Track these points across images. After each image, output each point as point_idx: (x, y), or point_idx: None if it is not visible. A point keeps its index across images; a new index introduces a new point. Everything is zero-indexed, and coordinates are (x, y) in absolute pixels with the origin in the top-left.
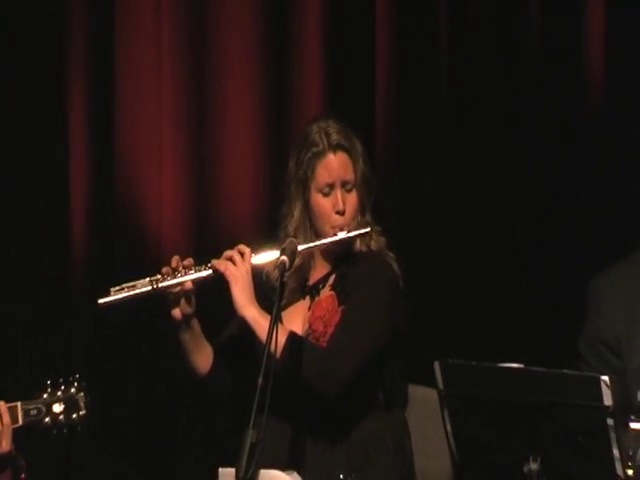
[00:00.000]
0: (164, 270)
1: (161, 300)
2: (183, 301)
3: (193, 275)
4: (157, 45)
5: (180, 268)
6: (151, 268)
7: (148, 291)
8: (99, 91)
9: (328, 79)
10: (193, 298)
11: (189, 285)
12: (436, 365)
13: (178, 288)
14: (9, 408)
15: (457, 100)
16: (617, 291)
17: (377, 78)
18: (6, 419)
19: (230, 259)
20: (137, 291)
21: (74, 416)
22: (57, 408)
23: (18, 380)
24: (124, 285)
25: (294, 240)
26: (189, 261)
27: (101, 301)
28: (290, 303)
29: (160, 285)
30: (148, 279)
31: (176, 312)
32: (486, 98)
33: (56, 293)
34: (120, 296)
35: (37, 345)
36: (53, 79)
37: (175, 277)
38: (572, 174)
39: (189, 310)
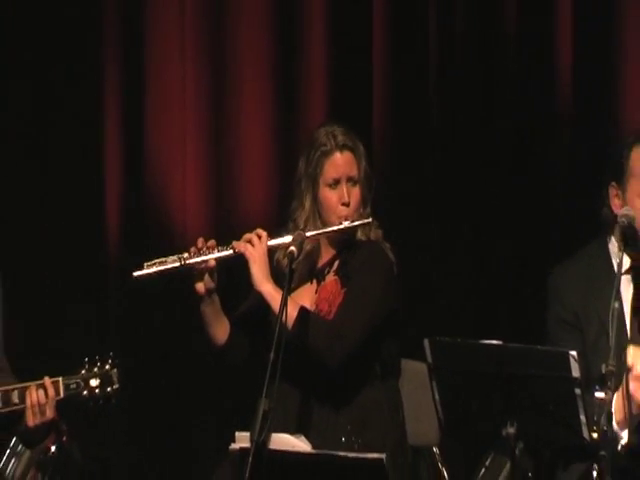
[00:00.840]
0: (191, 249)
1: (187, 275)
2: (206, 277)
3: (216, 254)
4: (182, 69)
5: (204, 248)
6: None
7: (176, 267)
8: (131, 105)
9: (331, 97)
10: (215, 275)
11: (212, 263)
12: (426, 342)
13: (202, 265)
14: (52, 382)
15: (444, 110)
16: (573, 278)
17: (374, 94)
18: (51, 392)
19: (249, 241)
20: (167, 266)
21: (108, 390)
22: (94, 383)
23: (62, 357)
24: (155, 260)
25: (302, 232)
26: (212, 242)
27: (136, 274)
28: (299, 285)
29: (187, 262)
30: (176, 256)
31: (200, 286)
32: (469, 108)
33: (94, 282)
34: (152, 270)
35: (77, 320)
36: (92, 95)
37: (200, 255)
38: (541, 172)
39: (211, 285)
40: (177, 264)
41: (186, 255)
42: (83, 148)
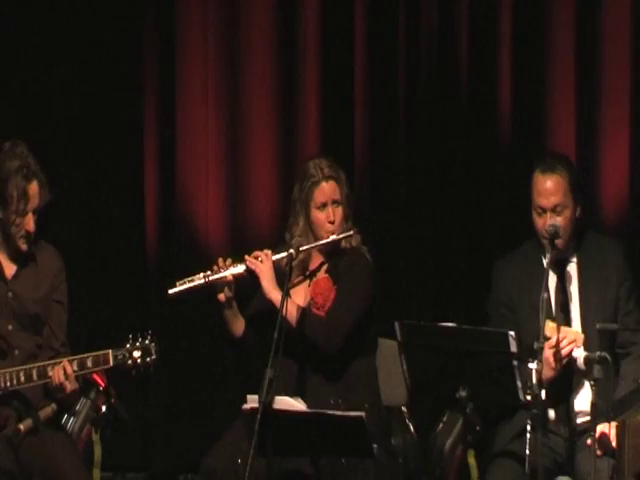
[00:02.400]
0: (213, 267)
1: (211, 288)
2: (226, 288)
3: (232, 270)
4: (205, 112)
5: (223, 266)
6: (200, 260)
7: (201, 283)
8: (165, 142)
9: (321, 131)
10: (232, 286)
11: (230, 278)
12: (396, 324)
13: (222, 280)
14: (103, 354)
15: (411, 142)
16: (511, 268)
17: (356, 126)
18: (69, 369)
19: (257, 258)
20: (195, 283)
21: (148, 360)
22: (136, 354)
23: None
24: (185, 279)
25: (299, 239)
26: (229, 261)
27: (170, 291)
28: (296, 285)
29: (210, 279)
30: (202, 274)
31: (221, 296)
32: (432, 138)
33: (136, 280)
34: (183, 287)
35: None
36: (135, 134)
37: (220, 272)
38: (489, 187)
39: (230, 294)
40: (202, 281)
41: (209, 272)
42: (128, 177)
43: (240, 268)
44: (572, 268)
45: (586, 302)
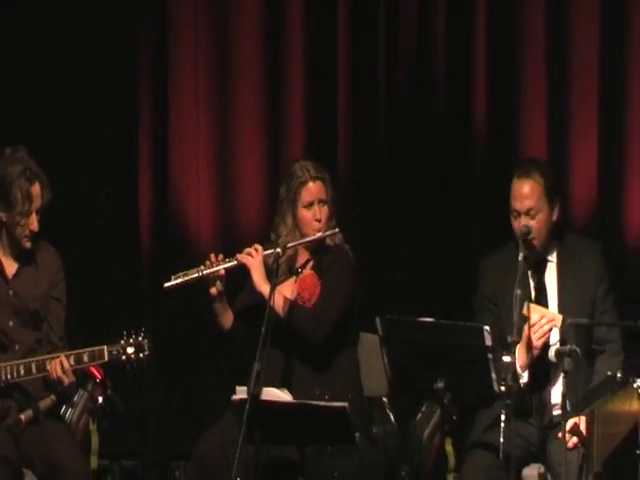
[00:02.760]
0: (206, 262)
1: (203, 282)
2: (217, 282)
3: (224, 265)
4: (196, 118)
5: (215, 261)
6: (192, 257)
7: (195, 277)
8: (159, 146)
9: (306, 137)
10: (224, 280)
11: (222, 272)
12: (377, 319)
13: (215, 274)
14: (99, 350)
15: (392, 149)
16: (495, 266)
17: (339, 129)
18: (66, 364)
19: (249, 253)
20: (189, 277)
21: (141, 355)
22: (130, 350)
23: (107, 337)
24: (180, 273)
25: (286, 239)
26: (221, 256)
27: (166, 285)
28: (284, 280)
29: (203, 273)
30: (195, 269)
31: (212, 290)
32: (411, 144)
33: (130, 277)
34: (178, 281)
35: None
36: (130, 140)
37: (212, 267)
38: (466, 186)
39: (221, 288)
40: (196, 275)
41: (202, 267)
42: (122, 177)
43: (232, 263)
44: (552, 268)
45: (564, 300)
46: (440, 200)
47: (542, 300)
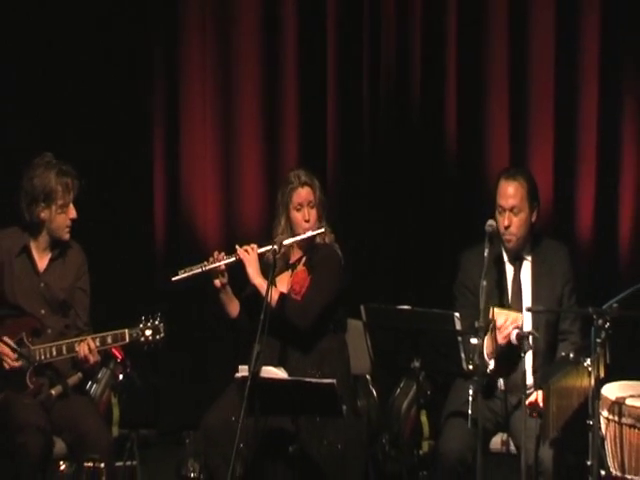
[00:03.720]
0: (210, 258)
1: (208, 276)
2: (220, 276)
3: (225, 261)
4: (203, 130)
5: (218, 257)
6: (201, 251)
7: (199, 272)
8: (172, 155)
9: (299, 146)
10: (226, 274)
11: (223, 267)
12: (361, 307)
13: (217, 269)
14: (120, 332)
15: (375, 155)
16: (474, 258)
17: (327, 138)
18: (92, 345)
19: (245, 251)
20: (194, 272)
21: (157, 337)
22: (148, 333)
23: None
24: (186, 268)
25: (282, 237)
26: (222, 254)
27: (174, 278)
28: (279, 273)
29: (206, 268)
30: (199, 265)
31: (216, 282)
32: (390, 151)
33: (147, 269)
34: (184, 275)
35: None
36: (147, 140)
37: (215, 263)
38: (438, 191)
39: (224, 281)
40: (199, 270)
41: (205, 263)
42: (140, 184)
43: (231, 259)
44: (527, 265)
45: (536, 294)
46: (416, 202)
47: (518, 293)
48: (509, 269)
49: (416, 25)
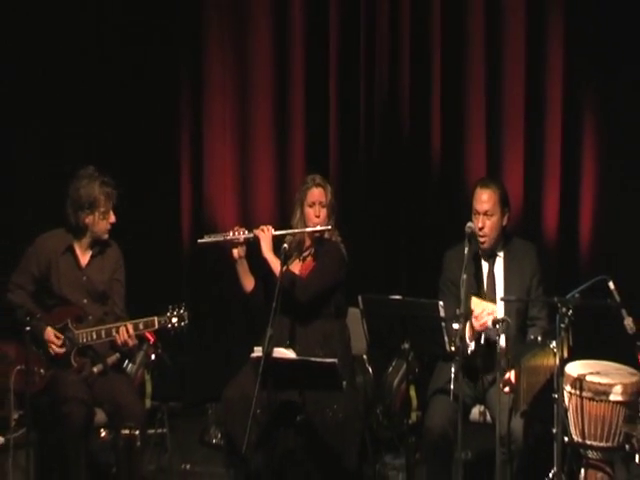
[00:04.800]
0: (230, 231)
1: (228, 246)
2: (239, 247)
3: (244, 235)
4: (223, 136)
5: (238, 230)
6: (221, 250)
7: (222, 240)
8: (197, 161)
9: (306, 156)
10: (244, 247)
11: (242, 240)
12: (359, 297)
13: (236, 239)
14: (151, 320)
15: (371, 166)
16: (455, 256)
17: (330, 158)
18: (130, 330)
19: (261, 230)
20: (217, 239)
21: (182, 324)
22: (174, 320)
23: (157, 310)
24: (211, 234)
25: (291, 238)
26: (243, 229)
27: (199, 241)
28: (293, 261)
29: (228, 237)
30: (222, 234)
31: (235, 252)
32: (383, 163)
33: (175, 264)
34: (209, 240)
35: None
36: (175, 155)
37: (234, 235)
38: (424, 198)
39: (242, 253)
40: (222, 238)
41: (228, 233)
42: (170, 192)
43: (250, 235)
44: (499, 261)
45: (508, 286)
46: (405, 206)
47: (492, 285)
48: (484, 265)
49: (405, 56)
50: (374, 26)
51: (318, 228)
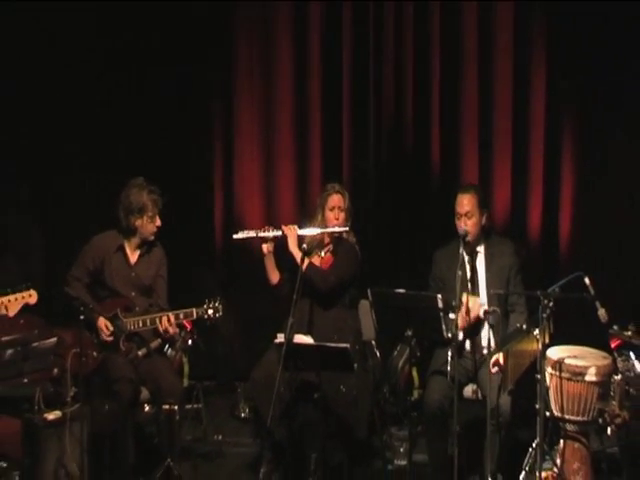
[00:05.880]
0: (262, 228)
1: (259, 241)
2: (268, 243)
3: (273, 232)
4: (251, 154)
5: (267, 228)
6: (250, 246)
7: (254, 236)
8: (228, 174)
9: (323, 169)
10: (272, 243)
11: (271, 237)
12: (369, 290)
13: (266, 236)
14: (190, 311)
15: (379, 176)
16: (444, 255)
17: (343, 171)
18: (172, 319)
19: (288, 228)
20: (249, 235)
21: (217, 315)
22: (210, 311)
23: (194, 301)
24: (244, 231)
25: (311, 238)
26: (272, 227)
27: (234, 236)
28: (313, 257)
29: (259, 234)
30: (255, 230)
31: (264, 247)
32: (390, 175)
33: (210, 261)
34: (242, 235)
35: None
36: (210, 168)
37: (265, 232)
38: (424, 202)
39: (270, 248)
40: (254, 234)
41: (259, 230)
42: (204, 198)
43: (278, 232)
44: (481, 257)
45: (489, 278)
46: (408, 211)
47: (475, 279)
48: (467, 261)
49: (409, 82)
50: (381, 53)
51: (337, 229)
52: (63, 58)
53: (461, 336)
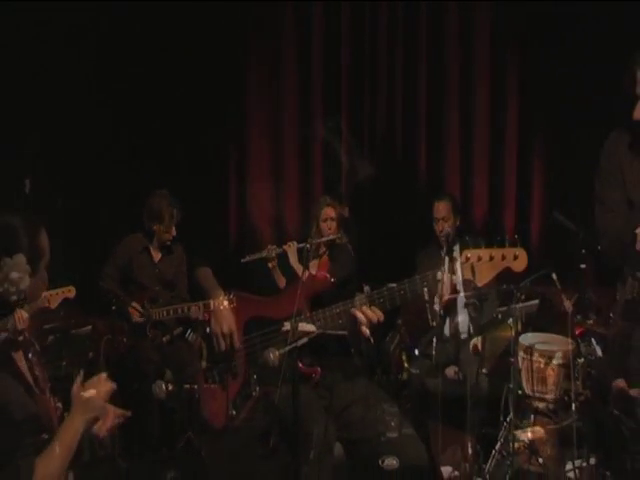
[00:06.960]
0: (265, 250)
1: (265, 261)
2: (272, 261)
3: (275, 251)
4: (261, 170)
5: (270, 249)
6: (259, 245)
7: (259, 257)
8: (242, 182)
9: (324, 182)
10: (276, 260)
11: (273, 255)
12: (364, 286)
13: (269, 256)
14: (207, 302)
15: (374, 184)
16: (427, 255)
17: (342, 183)
18: (201, 307)
19: (287, 245)
20: (256, 256)
21: (232, 306)
22: (225, 303)
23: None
24: (251, 254)
25: (312, 239)
26: (274, 246)
27: (243, 260)
28: (312, 261)
29: (263, 255)
30: (259, 253)
31: (270, 264)
32: (383, 183)
33: (223, 262)
34: (249, 258)
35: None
36: (223, 179)
37: (268, 252)
38: (412, 206)
39: (274, 264)
40: (258, 256)
41: (263, 251)
42: (220, 199)
43: (279, 250)
44: (456, 254)
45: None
46: (398, 213)
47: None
48: (445, 258)
49: (398, 101)
50: (375, 72)
51: (330, 237)
52: (94, 76)
53: (442, 312)
